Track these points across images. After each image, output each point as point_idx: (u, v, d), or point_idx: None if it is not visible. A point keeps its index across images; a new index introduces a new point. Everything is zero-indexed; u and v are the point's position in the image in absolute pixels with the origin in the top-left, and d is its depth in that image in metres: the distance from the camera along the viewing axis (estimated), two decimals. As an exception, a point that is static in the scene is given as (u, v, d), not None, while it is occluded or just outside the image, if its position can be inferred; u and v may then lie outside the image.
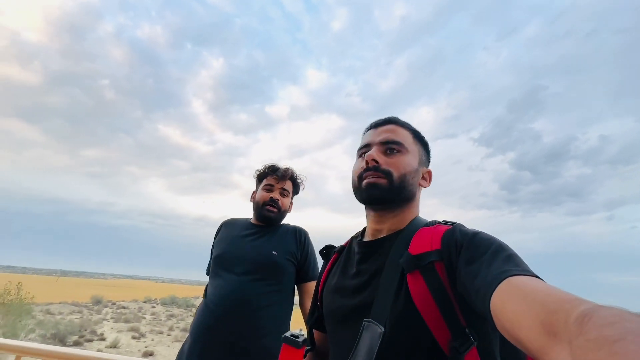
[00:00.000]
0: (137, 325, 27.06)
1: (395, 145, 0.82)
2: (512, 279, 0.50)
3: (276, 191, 1.59)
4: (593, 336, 0.31)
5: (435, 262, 0.67)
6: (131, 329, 25.08)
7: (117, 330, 24.30)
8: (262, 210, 1.56)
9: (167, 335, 24.66)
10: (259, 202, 1.58)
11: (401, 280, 0.68)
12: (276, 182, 1.60)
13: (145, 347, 20.06)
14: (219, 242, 1.58)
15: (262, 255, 1.47)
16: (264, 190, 1.60)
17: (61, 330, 19.56)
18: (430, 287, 0.65)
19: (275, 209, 1.57)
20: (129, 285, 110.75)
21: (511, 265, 0.54)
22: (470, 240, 0.66)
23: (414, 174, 0.83)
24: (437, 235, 0.71)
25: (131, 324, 27.16)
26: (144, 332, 24.51)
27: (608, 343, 0.29)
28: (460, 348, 0.60)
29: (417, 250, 0.70)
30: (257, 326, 1.33)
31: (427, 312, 0.64)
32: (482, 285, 0.54)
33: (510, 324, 0.45)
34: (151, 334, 24.59)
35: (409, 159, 0.82)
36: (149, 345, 21.00)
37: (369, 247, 0.83)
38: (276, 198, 1.57)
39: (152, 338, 23.19)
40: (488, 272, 0.55)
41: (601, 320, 0.32)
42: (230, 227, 1.65)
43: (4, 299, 19.15)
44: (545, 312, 0.41)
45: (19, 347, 1.48)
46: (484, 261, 0.58)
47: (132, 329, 25.08)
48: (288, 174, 1.63)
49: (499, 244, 0.62)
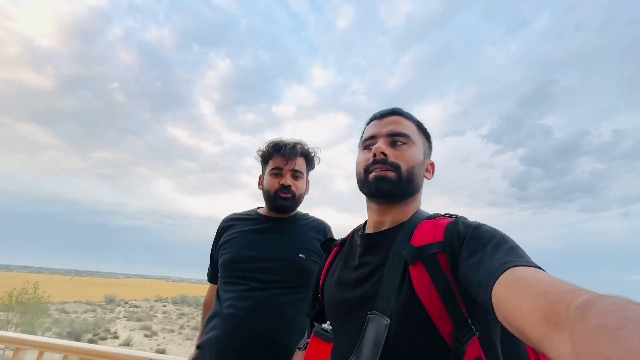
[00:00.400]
0: (149, 323, 27.56)
1: (402, 138, 0.81)
2: (514, 269, 0.50)
3: (286, 175, 1.30)
4: (594, 324, 0.31)
5: (437, 253, 0.68)
6: (143, 328, 25.57)
7: (130, 329, 24.81)
8: (276, 200, 1.28)
9: (179, 333, 25.08)
10: (269, 191, 1.30)
11: (404, 272, 0.69)
12: (284, 163, 1.30)
13: (157, 345, 20.44)
14: (228, 244, 1.29)
15: (288, 258, 1.24)
16: (271, 175, 1.31)
17: (76, 329, 20.06)
18: (432, 279, 0.66)
19: (289, 195, 1.29)
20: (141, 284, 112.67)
21: (513, 257, 0.54)
22: (473, 232, 0.66)
23: (420, 167, 0.82)
24: (439, 227, 0.72)
25: (143, 323, 27.68)
26: (156, 331, 24.96)
27: (608, 330, 0.29)
28: (463, 338, 0.61)
29: (420, 242, 0.71)
30: (288, 345, 1.11)
31: (430, 304, 0.64)
32: (484, 276, 0.55)
33: (512, 314, 0.46)
34: (163, 332, 25.04)
35: (416, 151, 0.81)
36: (160, 343, 21.39)
37: (371, 239, 0.83)
38: (288, 184, 1.28)
39: (163, 336, 23.62)
40: (490, 264, 0.55)
41: (602, 308, 0.32)
42: (238, 224, 1.35)
43: (22, 298, 19.76)
44: (546, 301, 0.41)
45: (42, 343, 1.55)
46: (486, 252, 0.59)
47: (144, 328, 25.57)
48: (297, 151, 1.32)
49: (502, 235, 0.62)
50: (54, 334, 18.78)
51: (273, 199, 1.29)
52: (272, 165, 1.31)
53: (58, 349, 1.53)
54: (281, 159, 1.30)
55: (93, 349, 1.53)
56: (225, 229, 1.36)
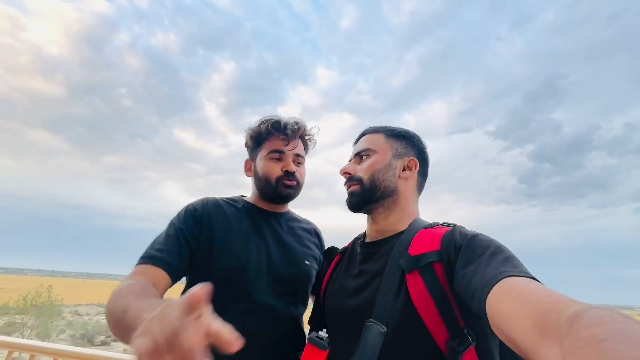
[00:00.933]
0: (160, 325, 27.78)
1: (365, 152, 0.90)
2: (508, 279, 0.52)
3: (289, 159, 1.08)
4: (583, 335, 0.32)
5: (434, 262, 0.69)
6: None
7: (141, 330, 25.10)
8: (278, 189, 1.06)
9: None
10: (268, 178, 1.06)
11: (401, 280, 0.71)
12: (285, 144, 1.08)
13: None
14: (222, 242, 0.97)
15: (298, 269, 1.05)
16: (270, 159, 1.07)
17: (89, 331, 20.41)
18: (429, 287, 0.67)
19: (295, 183, 1.08)
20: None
21: (508, 267, 0.55)
22: (469, 241, 0.67)
23: (384, 170, 0.86)
24: (437, 236, 0.74)
25: (154, 324, 27.93)
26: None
27: (597, 342, 0.30)
28: (459, 348, 0.62)
29: (417, 251, 0.73)
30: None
31: (426, 312, 0.66)
32: (479, 285, 0.56)
33: (504, 324, 0.47)
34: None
35: (377, 158, 0.88)
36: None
37: (370, 247, 0.86)
38: (292, 170, 1.07)
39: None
40: (485, 273, 0.56)
41: (591, 320, 0.33)
42: (227, 212, 1.06)
43: (36, 301, 20.21)
44: (538, 312, 0.42)
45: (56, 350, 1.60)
46: (481, 262, 0.60)
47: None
48: (300, 131, 1.12)
49: (498, 245, 0.64)
50: (68, 336, 19.14)
51: (275, 187, 1.06)
52: (271, 148, 1.08)
53: (71, 355, 1.58)
54: (282, 140, 1.08)
55: (104, 355, 1.57)
56: (210, 213, 1.01)
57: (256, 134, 1.10)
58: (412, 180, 0.89)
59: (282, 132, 1.07)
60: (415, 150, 0.91)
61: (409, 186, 0.89)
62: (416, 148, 0.92)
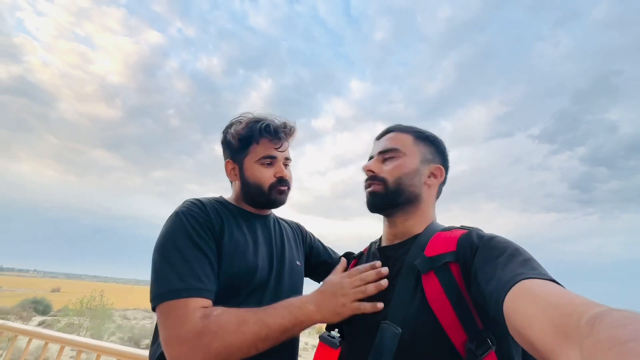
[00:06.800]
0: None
1: (391, 152, 0.86)
2: (526, 282, 0.50)
3: (281, 164, 1.03)
4: (604, 337, 0.31)
5: (449, 263, 0.68)
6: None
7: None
8: (271, 196, 1.01)
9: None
10: (261, 185, 1.00)
11: (417, 282, 0.70)
12: (277, 148, 1.02)
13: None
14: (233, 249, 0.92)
15: (295, 271, 1.06)
16: (261, 165, 1.01)
17: (135, 334, 21.68)
18: (445, 288, 0.66)
19: (286, 188, 1.05)
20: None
21: (526, 269, 0.53)
22: (486, 243, 0.65)
23: (412, 175, 0.84)
24: (453, 238, 0.72)
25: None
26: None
27: (618, 343, 0.29)
28: (477, 351, 0.60)
29: (433, 252, 0.71)
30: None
31: (442, 313, 0.64)
32: (496, 287, 0.54)
33: (522, 326, 0.45)
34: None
35: (405, 161, 0.84)
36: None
37: (386, 251, 0.86)
38: (286, 176, 1.03)
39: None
40: (502, 275, 0.55)
41: (613, 322, 0.32)
42: (227, 216, 0.98)
43: (90, 304, 22.02)
44: (557, 314, 0.40)
45: (100, 347, 1.74)
46: (498, 264, 0.58)
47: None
48: (292, 133, 1.07)
49: (516, 247, 0.61)
50: (117, 338, 20.48)
51: (267, 194, 1.01)
52: (263, 153, 1.00)
53: (114, 353, 1.70)
54: (273, 144, 1.01)
55: (142, 354, 1.67)
56: (213, 222, 0.92)
57: (244, 136, 1.01)
58: (435, 188, 0.88)
59: (274, 136, 1.01)
60: (441, 157, 0.89)
61: (432, 193, 0.87)
62: (442, 155, 0.90)
